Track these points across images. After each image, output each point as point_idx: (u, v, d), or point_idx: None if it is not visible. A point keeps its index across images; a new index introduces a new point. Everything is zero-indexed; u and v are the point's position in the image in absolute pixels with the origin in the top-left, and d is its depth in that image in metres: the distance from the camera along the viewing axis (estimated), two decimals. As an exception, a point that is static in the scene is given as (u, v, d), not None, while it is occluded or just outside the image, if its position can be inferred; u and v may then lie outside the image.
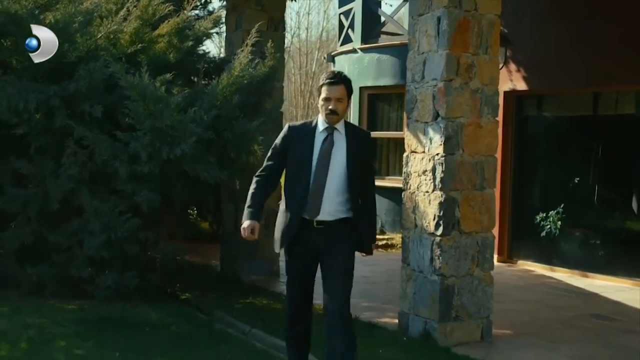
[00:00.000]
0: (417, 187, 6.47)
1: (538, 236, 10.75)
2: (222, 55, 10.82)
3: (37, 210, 7.27)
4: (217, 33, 10.81)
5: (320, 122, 4.77)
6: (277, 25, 9.38)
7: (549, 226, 10.62)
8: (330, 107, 4.69)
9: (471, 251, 6.42)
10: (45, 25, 6.81)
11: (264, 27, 9.07)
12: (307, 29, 38.63)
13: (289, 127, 4.86)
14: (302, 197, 4.62)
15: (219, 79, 7.36)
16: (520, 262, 11.09)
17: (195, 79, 8.34)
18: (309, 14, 46.60)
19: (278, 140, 4.83)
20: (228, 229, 9.47)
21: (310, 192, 4.62)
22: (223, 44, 10.13)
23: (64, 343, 5.82)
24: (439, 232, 6.25)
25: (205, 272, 9.51)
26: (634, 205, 10.11)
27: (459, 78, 6.26)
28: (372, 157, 5.12)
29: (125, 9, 7.49)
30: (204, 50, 9.88)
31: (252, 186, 4.78)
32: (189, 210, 11.11)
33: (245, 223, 4.64)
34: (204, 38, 8.44)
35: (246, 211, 4.70)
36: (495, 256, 10.99)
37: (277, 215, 4.78)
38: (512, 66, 11.10)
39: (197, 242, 10.98)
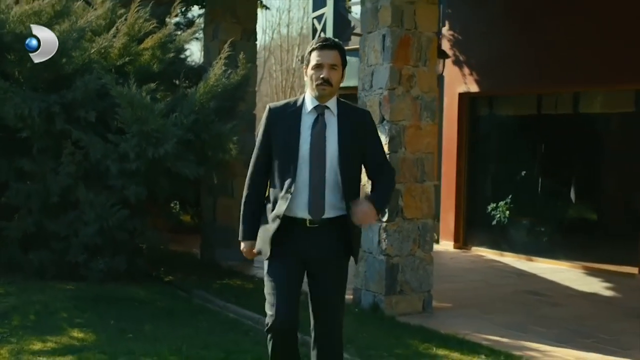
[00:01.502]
0: (367, 180, 7.54)
1: (489, 224, 11.85)
2: (201, 61, 11.87)
3: (39, 203, 8.29)
4: (196, 39, 11.90)
5: (308, 100, 4.00)
6: (249, 35, 10.43)
7: (498, 215, 11.72)
8: (322, 75, 3.92)
9: (413, 235, 7.49)
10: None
11: (238, 38, 10.15)
12: (287, 25, 39.56)
13: (270, 109, 4.09)
14: (290, 192, 3.92)
15: (197, 87, 8.42)
16: (474, 248, 12.19)
17: (177, 82, 9.41)
18: (289, 11, 47.55)
19: (260, 128, 4.12)
20: (207, 220, 10.54)
21: (311, 187, 3.92)
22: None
23: (65, 314, 6.85)
24: (385, 218, 7.33)
25: (187, 259, 10.55)
26: (572, 195, 11.24)
27: (401, 87, 7.34)
28: (376, 139, 4.18)
29: (115, 27, 8.52)
30: (186, 55, 10.98)
31: (243, 200, 4.15)
32: (172, 204, 12.14)
33: (242, 245, 4.14)
34: (184, 49, 9.49)
35: (241, 230, 4.16)
36: (452, 243, 12.27)
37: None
38: (466, 70, 12.19)
39: (180, 233, 11.99)
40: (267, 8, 12.80)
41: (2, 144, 8.22)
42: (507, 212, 11.62)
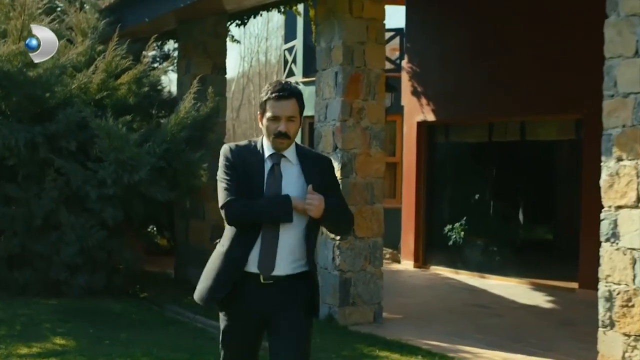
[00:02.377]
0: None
1: (446, 245, 12.66)
2: (176, 93, 12.66)
3: (23, 226, 9.00)
4: (172, 71, 12.69)
5: (266, 147, 3.72)
6: (220, 69, 11.24)
7: (454, 236, 12.53)
8: (280, 128, 3.64)
9: (364, 252, 8.29)
10: (30, 79, 8.71)
11: (208, 72, 10.97)
12: (265, 53, 40.46)
13: (231, 149, 3.76)
14: (250, 247, 3.63)
15: (169, 119, 9.21)
16: (432, 267, 12.99)
17: (153, 112, 10.20)
18: (267, 39, 48.50)
19: (222, 166, 3.73)
20: (180, 241, 11.29)
21: (262, 242, 3.63)
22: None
23: (49, 325, 7.58)
24: (338, 237, 8.12)
25: (161, 278, 11.28)
26: (521, 217, 12.09)
27: (352, 119, 8.17)
28: (336, 186, 3.92)
29: (94, 65, 9.32)
30: (162, 87, 11.78)
31: (239, 203, 3.63)
32: (148, 229, 12.87)
33: (293, 203, 3.62)
34: (158, 84, 10.29)
35: (270, 203, 3.63)
36: (412, 263, 13.05)
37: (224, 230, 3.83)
38: (424, 100, 13.05)
39: (156, 256, 12.71)
40: (237, 42, 13.61)
41: (-10, 171, 8.96)
42: (462, 233, 12.43)
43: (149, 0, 10.55)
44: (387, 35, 15.82)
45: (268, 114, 3.68)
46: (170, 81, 14.58)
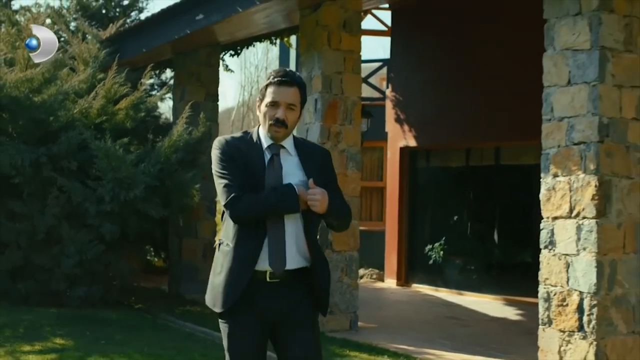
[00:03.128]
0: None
1: (427, 263, 13.34)
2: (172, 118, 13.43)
3: (27, 240, 9.71)
4: (169, 98, 13.49)
5: (262, 137, 3.57)
6: (212, 97, 12.01)
7: (434, 255, 13.22)
8: (277, 115, 3.47)
9: (341, 264, 8.99)
10: (36, 104, 9.48)
11: (202, 99, 11.74)
12: (267, 81, 41.09)
13: (226, 140, 3.59)
14: (259, 237, 3.47)
15: (163, 141, 9.96)
16: (414, 285, 13.66)
17: (149, 135, 10.96)
18: (266, 68, 49.34)
19: (219, 160, 3.54)
20: (174, 258, 11.99)
21: (270, 237, 3.47)
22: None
23: (49, 329, 8.28)
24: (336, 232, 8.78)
25: (156, 292, 11.97)
26: (496, 237, 12.80)
27: (330, 142, 8.90)
28: (334, 180, 3.72)
29: (94, 91, 10.09)
30: (160, 114, 12.54)
31: (245, 197, 3.45)
32: (145, 246, 13.57)
33: (297, 190, 3.46)
34: (154, 110, 11.07)
35: (277, 194, 3.46)
36: (395, 281, 13.73)
37: (214, 247, 3.74)
38: (406, 126, 13.80)
39: (152, 274, 13.46)
40: (231, 71, 14.38)
41: (-2, 189, 9.71)
42: (442, 252, 13.12)
43: (146, 32, 11.32)
44: (375, 65, 16.75)
45: (267, 99, 3.51)
46: (169, 108, 15.36)
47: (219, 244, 3.63)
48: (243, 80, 44.10)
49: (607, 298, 5.90)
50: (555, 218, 6.19)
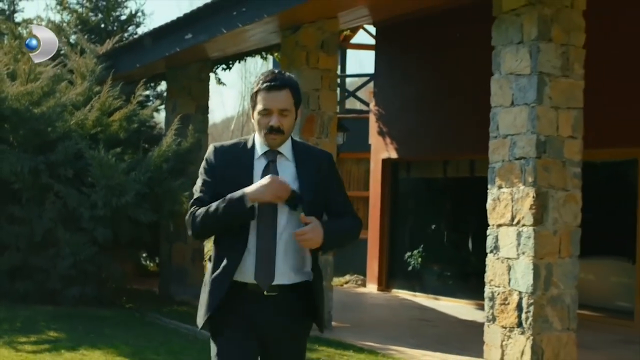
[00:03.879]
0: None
1: (406, 270, 14.02)
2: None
3: (25, 242, 10.40)
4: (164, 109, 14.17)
5: (258, 144, 3.40)
6: (203, 109, 12.72)
7: (413, 262, 13.89)
8: (271, 123, 3.30)
9: (316, 267, 9.66)
10: (35, 116, 10.19)
11: (192, 111, 12.46)
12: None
13: (215, 148, 3.45)
14: (240, 253, 3.29)
15: (153, 151, 10.67)
16: (394, 290, 14.34)
17: (141, 145, 11.67)
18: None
19: (202, 171, 3.44)
20: (164, 262, 12.69)
21: (257, 247, 3.29)
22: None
23: (44, 323, 8.97)
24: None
25: (147, 293, 12.65)
26: (470, 245, 13.48)
27: (307, 154, 9.60)
28: (339, 186, 3.54)
29: (90, 104, 10.80)
30: (155, 124, 13.25)
31: (201, 212, 3.33)
32: (137, 250, 14.25)
33: (238, 192, 3.27)
34: (147, 121, 11.79)
35: (226, 200, 3.27)
36: (376, 286, 14.41)
37: (203, 252, 3.79)
38: (388, 139, 14.50)
39: (146, 277, 14.15)
40: (223, 84, 15.11)
41: (-1, 194, 10.42)
42: (420, 259, 13.79)
43: (140, 48, 12.04)
44: (364, 79, 17.47)
45: (259, 107, 3.32)
46: (160, 121, 16.05)
47: (208, 260, 3.52)
48: (243, 90, 44.89)
49: (543, 297, 6.58)
50: (499, 225, 6.88)
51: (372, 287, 14.58)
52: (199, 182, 3.44)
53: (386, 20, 13.97)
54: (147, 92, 15.74)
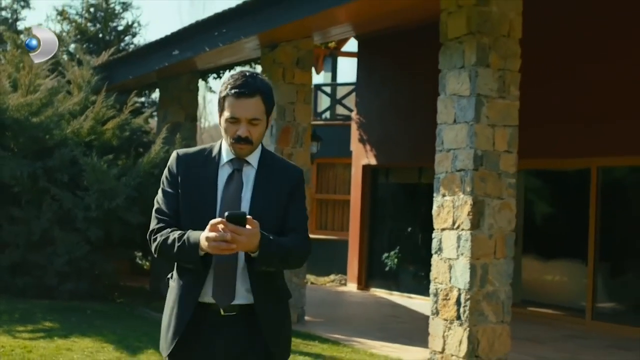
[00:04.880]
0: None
1: (383, 270, 14.89)
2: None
3: (24, 240, 11.28)
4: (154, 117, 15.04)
5: (225, 150, 3.17)
6: (192, 118, 13.61)
7: (390, 262, 14.75)
8: (239, 132, 3.06)
9: (290, 266, 10.53)
10: (34, 124, 11.08)
11: (182, 120, 13.34)
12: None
13: (178, 155, 3.23)
14: (206, 263, 3.04)
15: (143, 158, 11.55)
16: (372, 289, 15.20)
17: (132, 152, 12.55)
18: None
19: (165, 179, 3.23)
20: (154, 259, 13.56)
21: (216, 262, 3.05)
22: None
23: (40, 315, 9.84)
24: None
25: (138, 290, 13.53)
26: (443, 246, 14.33)
27: (283, 162, 10.46)
28: (300, 205, 3.25)
29: (85, 114, 11.70)
30: (150, 129, 14.12)
31: (159, 239, 3.13)
32: (129, 249, 15.12)
33: (202, 243, 2.95)
34: (139, 130, 12.68)
35: (182, 241, 3.03)
36: (356, 285, 15.27)
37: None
38: (368, 146, 15.38)
39: (140, 275, 15.05)
40: (214, 92, 16.00)
41: (0, 197, 11.28)
42: (396, 260, 14.66)
43: (132, 61, 12.93)
44: (350, 88, 18.34)
45: (226, 114, 3.06)
46: (152, 128, 16.86)
47: (167, 280, 3.30)
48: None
49: (479, 293, 7.44)
50: (443, 229, 7.75)
51: (352, 286, 15.45)
52: (160, 192, 3.21)
53: (367, 33, 14.84)
54: (142, 99, 16.63)
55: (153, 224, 3.21)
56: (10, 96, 11.12)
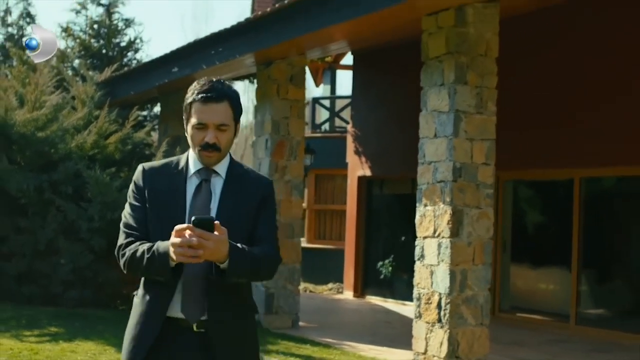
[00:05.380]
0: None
1: (378, 278, 15.34)
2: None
3: (30, 250, 11.78)
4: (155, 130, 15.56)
5: (192, 161, 3.11)
6: (192, 132, 14.08)
7: (384, 270, 15.21)
8: (206, 139, 2.99)
9: (285, 274, 11.01)
10: (40, 139, 11.59)
11: (182, 133, 13.79)
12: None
13: (144, 169, 3.19)
14: (173, 284, 2.97)
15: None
16: (367, 296, 15.66)
17: (137, 164, 13.03)
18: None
19: (131, 192, 3.19)
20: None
21: (185, 278, 2.97)
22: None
23: (46, 321, 10.32)
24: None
25: (140, 298, 14.03)
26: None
27: (277, 174, 10.94)
28: (268, 216, 3.15)
29: (88, 129, 12.21)
30: (152, 141, 14.63)
31: (127, 253, 3.05)
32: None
33: (170, 254, 2.85)
34: (140, 144, 13.20)
35: (152, 252, 2.94)
36: (352, 293, 15.73)
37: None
38: (363, 158, 15.86)
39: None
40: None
41: (7, 208, 11.79)
42: (390, 268, 15.11)
43: (134, 78, 13.47)
44: (347, 101, 18.83)
45: (193, 120, 3.00)
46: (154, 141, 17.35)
47: (133, 295, 3.17)
48: (246, 103, 46.15)
49: (458, 298, 7.91)
50: (425, 237, 8.22)
51: (348, 294, 15.90)
52: (127, 206, 3.18)
53: (363, 48, 15.32)
54: (144, 113, 17.14)
55: (121, 239, 3.13)
56: (18, 112, 11.63)
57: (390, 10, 8.10)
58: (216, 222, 2.84)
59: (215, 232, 2.83)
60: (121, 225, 3.17)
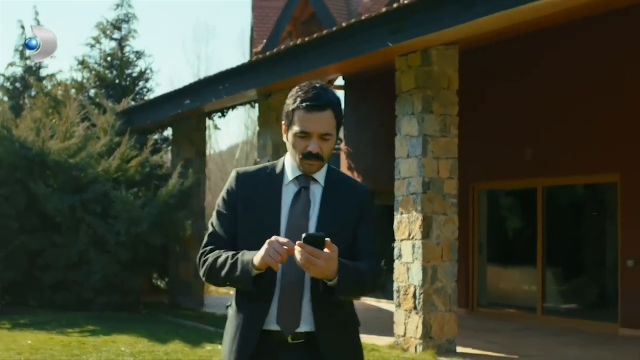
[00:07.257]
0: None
1: (372, 281, 16.98)
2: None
3: (64, 262, 13.50)
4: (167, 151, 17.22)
5: (289, 168, 3.00)
6: (201, 154, 15.82)
7: (377, 274, 16.85)
8: (310, 148, 2.89)
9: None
10: (72, 165, 13.34)
11: (193, 156, 15.56)
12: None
13: (238, 174, 3.05)
14: (266, 294, 2.87)
15: (161, 191, 13.76)
16: (363, 298, 17.31)
17: (152, 185, 14.73)
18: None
19: (222, 200, 3.04)
20: (173, 277, 15.75)
21: (282, 286, 2.87)
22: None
23: (84, 321, 12.00)
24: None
25: (158, 304, 15.70)
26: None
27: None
28: (369, 227, 3.13)
29: (113, 156, 13.94)
30: (163, 162, 16.34)
31: (210, 259, 2.94)
32: (152, 269, 17.28)
33: (251, 254, 2.81)
34: (158, 166, 14.93)
35: (235, 259, 2.86)
36: (348, 295, 17.37)
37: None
38: (355, 174, 17.54)
39: (158, 293, 17.21)
40: (218, 129, 18.25)
41: (44, 226, 13.52)
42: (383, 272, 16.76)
43: (150, 109, 15.18)
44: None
45: (295, 129, 2.91)
46: (168, 161, 18.97)
47: (227, 307, 3.11)
48: (247, 121, 47.78)
49: (430, 289, 9.59)
50: (402, 240, 9.92)
51: (345, 297, 17.50)
52: (215, 214, 3.05)
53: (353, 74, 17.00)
54: (157, 137, 18.82)
55: (205, 247, 3.02)
56: (52, 142, 13.36)
57: (372, 55, 9.79)
58: (327, 239, 2.73)
59: (326, 250, 2.72)
60: (207, 234, 3.09)
